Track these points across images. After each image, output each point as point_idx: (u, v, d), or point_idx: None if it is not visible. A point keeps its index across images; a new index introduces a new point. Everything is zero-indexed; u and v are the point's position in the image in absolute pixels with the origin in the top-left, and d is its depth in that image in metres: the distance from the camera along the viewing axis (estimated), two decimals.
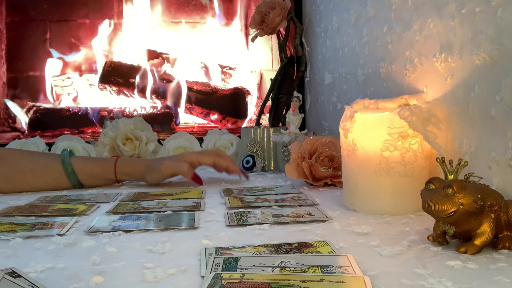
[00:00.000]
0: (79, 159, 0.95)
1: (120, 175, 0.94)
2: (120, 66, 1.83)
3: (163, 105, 1.78)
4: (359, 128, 0.66)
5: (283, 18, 1.25)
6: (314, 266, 0.42)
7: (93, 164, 0.94)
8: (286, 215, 0.65)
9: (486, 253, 0.46)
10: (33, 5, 1.88)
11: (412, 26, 0.76)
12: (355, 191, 0.68)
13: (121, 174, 0.94)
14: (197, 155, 0.96)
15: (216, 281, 0.38)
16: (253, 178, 1.03)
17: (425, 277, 0.40)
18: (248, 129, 1.17)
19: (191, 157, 0.95)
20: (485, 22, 0.58)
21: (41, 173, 0.91)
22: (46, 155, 0.98)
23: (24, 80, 1.87)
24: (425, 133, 0.62)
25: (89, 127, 1.70)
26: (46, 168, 0.92)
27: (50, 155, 0.99)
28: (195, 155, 0.96)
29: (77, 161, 0.93)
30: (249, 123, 1.81)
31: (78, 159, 0.94)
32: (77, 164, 0.92)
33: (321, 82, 1.28)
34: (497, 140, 0.57)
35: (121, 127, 1.20)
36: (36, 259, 0.48)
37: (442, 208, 0.45)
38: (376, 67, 0.91)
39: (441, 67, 0.68)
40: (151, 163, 0.94)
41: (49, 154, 1.00)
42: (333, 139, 0.92)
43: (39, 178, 0.91)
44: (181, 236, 0.56)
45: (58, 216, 0.67)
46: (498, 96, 0.56)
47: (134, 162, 0.97)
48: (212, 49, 1.97)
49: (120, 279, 0.42)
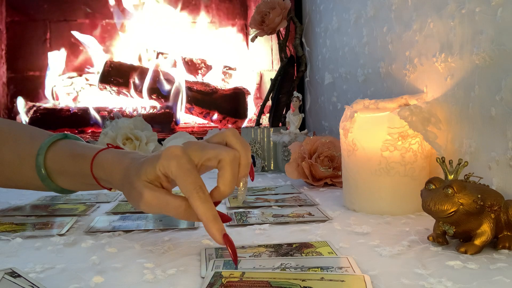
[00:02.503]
0: (58, 152, 0.61)
1: (102, 182, 0.58)
2: (120, 66, 1.83)
3: (163, 105, 1.78)
4: (359, 128, 0.66)
5: (283, 18, 1.25)
6: (314, 267, 0.42)
7: (70, 161, 0.60)
8: (286, 215, 0.65)
9: (486, 253, 0.46)
10: (33, 5, 1.89)
11: (412, 26, 0.76)
12: (355, 191, 0.68)
13: (101, 180, 0.58)
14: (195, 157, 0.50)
15: (216, 280, 0.38)
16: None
17: (425, 277, 0.40)
18: (248, 129, 1.17)
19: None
20: (485, 22, 0.58)
21: (16, 169, 0.64)
22: (31, 139, 0.64)
23: (24, 80, 1.87)
24: (425, 133, 0.62)
25: (89, 127, 1.70)
26: (21, 161, 0.63)
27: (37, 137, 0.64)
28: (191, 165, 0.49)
29: (54, 157, 0.61)
30: (249, 123, 1.81)
31: (56, 153, 0.61)
32: (52, 163, 0.61)
33: (321, 82, 1.28)
34: (497, 140, 0.57)
35: (121, 127, 1.20)
36: (36, 259, 0.48)
37: (442, 208, 0.45)
38: (376, 67, 0.92)
39: (441, 67, 0.68)
40: (131, 172, 0.51)
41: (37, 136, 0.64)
42: (333, 139, 0.92)
43: (13, 175, 0.64)
44: (181, 236, 0.56)
45: (58, 216, 0.67)
46: (498, 96, 0.56)
47: (112, 165, 0.55)
48: (212, 49, 1.97)
49: (120, 279, 0.42)
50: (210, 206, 0.46)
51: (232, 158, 0.49)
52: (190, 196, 0.47)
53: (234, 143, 0.51)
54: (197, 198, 0.46)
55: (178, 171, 0.47)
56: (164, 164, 0.48)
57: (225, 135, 0.52)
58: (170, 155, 0.48)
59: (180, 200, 0.48)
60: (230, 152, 0.49)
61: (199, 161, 0.50)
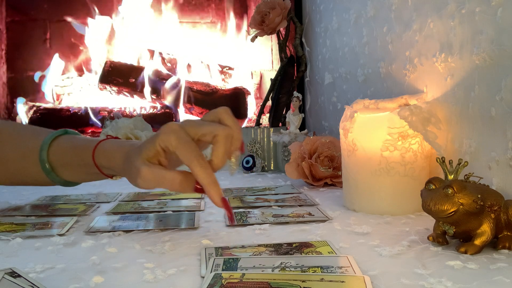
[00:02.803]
0: (59, 146, 0.65)
1: (104, 170, 0.62)
2: (120, 66, 1.83)
3: (163, 105, 1.78)
4: (359, 128, 0.67)
5: (283, 18, 1.25)
6: (314, 266, 0.42)
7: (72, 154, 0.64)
8: (286, 215, 0.65)
9: (486, 253, 0.46)
10: (33, 5, 1.89)
11: (412, 26, 0.76)
12: (355, 191, 0.68)
13: (103, 168, 0.62)
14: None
15: (216, 281, 0.38)
16: (253, 178, 1.03)
17: (425, 277, 0.40)
18: (248, 129, 1.17)
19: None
20: (485, 22, 0.58)
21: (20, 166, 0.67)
22: (33, 136, 0.67)
23: (24, 80, 1.87)
24: (425, 133, 0.62)
25: (89, 127, 1.70)
26: (25, 158, 0.66)
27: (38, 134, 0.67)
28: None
29: (56, 151, 0.65)
30: (249, 123, 1.81)
31: (59, 147, 0.65)
32: (55, 156, 0.65)
33: (321, 82, 1.28)
34: (497, 140, 0.57)
35: (121, 127, 1.20)
36: (36, 259, 0.48)
37: (442, 208, 0.45)
38: (376, 67, 0.92)
39: (441, 67, 0.68)
40: (131, 157, 0.55)
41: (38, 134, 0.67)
42: (333, 139, 0.92)
43: (18, 172, 0.68)
44: (181, 236, 0.56)
45: (58, 216, 0.67)
46: (498, 96, 0.56)
47: (113, 151, 0.60)
48: (212, 49, 1.97)
49: (120, 279, 0.42)
50: (210, 172, 0.50)
51: (226, 134, 0.53)
52: (191, 164, 0.50)
53: (226, 119, 0.55)
54: (197, 165, 0.50)
55: (177, 143, 0.51)
56: (164, 139, 0.52)
57: (219, 112, 0.56)
58: (169, 129, 0.52)
59: (174, 173, 0.51)
60: (225, 128, 0.53)
61: (195, 136, 0.53)
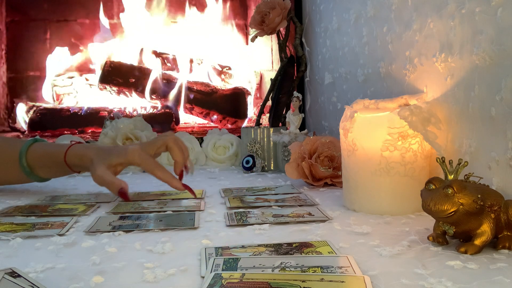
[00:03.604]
0: (34, 152, 0.84)
1: (74, 167, 0.83)
2: (120, 66, 1.83)
3: (163, 105, 1.78)
4: (359, 128, 0.67)
5: (283, 18, 1.25)
6: (314, 266, 0.42)
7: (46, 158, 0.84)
8: (286, 215, 0.65)
9: (486, 253, 0.46)
10: (33, 5, 1.88)
11: (412, 26, 0.76)
12: (355, 191, 0.68)
13: (74, 166, 0.82)
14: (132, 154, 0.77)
15: (216, 281, 0.38)
16: (253, 178, 1.03)
17: (425, 277, 0.40)
18: (248, 129, 1.17)
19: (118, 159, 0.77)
20: (485, 22, 0.58)
21: (3, 171, 0.87)
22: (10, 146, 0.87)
23: (24, 80, 1.87)
24: (425, 133, 0.62)
25: (89, 127, 1.70)
26: (7, 164, 0.85)
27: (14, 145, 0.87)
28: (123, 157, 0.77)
29: (33, 157, 0.84)
30: (249, 123, 1.81)
31: (35, 154, 0.84)
32: (32, 161, 0.84)
33: (321, 82, 1.28)
34: (497, 140, 0.57)
35: (121, 127, 1.20)
36: (36, 259, 0.48)
37: (442, 208, 0.45)
38: (376, 67, 0.92)
39: (441, 67, 0.68)
40: (97, 159, 0.77)
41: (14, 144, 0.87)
42: (333, 139, 0.92)
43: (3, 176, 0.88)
44: (181, 236, 0.56)
45: (58, 216, 0.67)
46: (498, 96, 0.56)
47: (84, 153, 0.80)
48: (212, 49, 1.97)
49: (120, 279, 0.42)
50: (167, 173, 0.76)
51: (173, 139, 0.80)
52: (153, 171, 0.76)
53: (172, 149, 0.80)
54: (157, 170, 0.75)
55: (140, 160, 0.76)
56: (130, 158, 0.76)
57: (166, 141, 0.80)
58: (133, 151, 0.76)
59: (117, 180, 0.73)
60: (171, 136, 0.80)
61: (152, 152, 0.79)
